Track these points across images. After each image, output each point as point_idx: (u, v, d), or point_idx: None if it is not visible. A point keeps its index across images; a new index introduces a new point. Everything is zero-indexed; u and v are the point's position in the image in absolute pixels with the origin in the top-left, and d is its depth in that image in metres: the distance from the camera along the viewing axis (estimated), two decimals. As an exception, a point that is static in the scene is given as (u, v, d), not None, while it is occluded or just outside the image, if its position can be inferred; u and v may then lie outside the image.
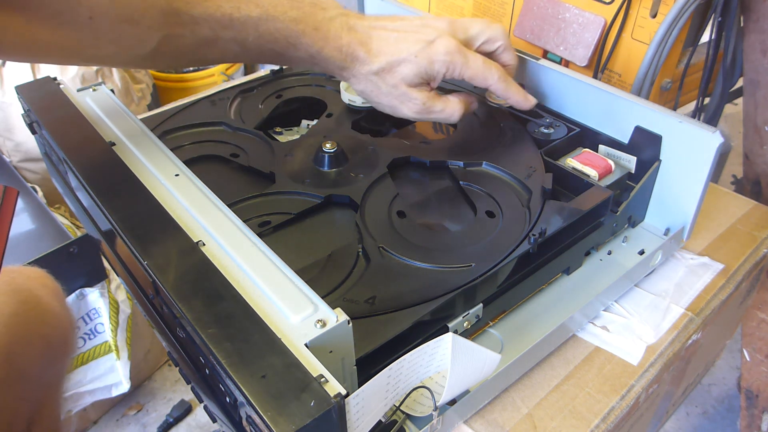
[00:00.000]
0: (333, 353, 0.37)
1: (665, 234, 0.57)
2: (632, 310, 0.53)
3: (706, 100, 0.95)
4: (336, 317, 0.37)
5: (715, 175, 1.44)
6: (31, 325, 0.51)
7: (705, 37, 0.90)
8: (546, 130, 0.61)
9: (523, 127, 0.63)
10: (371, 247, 0.50)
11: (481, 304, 0.47)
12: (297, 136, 0.68)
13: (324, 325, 0.36)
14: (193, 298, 0.38)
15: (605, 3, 0.91)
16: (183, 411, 1.29)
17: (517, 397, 0.46)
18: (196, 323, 0.36)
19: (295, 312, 0.37)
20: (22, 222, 1.16)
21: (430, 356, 0.39)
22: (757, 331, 0.90)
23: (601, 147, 0.59)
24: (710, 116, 0.95)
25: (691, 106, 0.97)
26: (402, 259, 0.49)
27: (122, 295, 1.15)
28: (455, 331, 0.45)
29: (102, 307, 1.13)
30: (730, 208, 0.64)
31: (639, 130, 0.55)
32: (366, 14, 0.70)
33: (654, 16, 0.88)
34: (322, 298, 0.38)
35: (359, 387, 0.34)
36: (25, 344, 0.49)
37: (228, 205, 0.46)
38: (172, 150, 0.52)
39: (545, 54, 1.02)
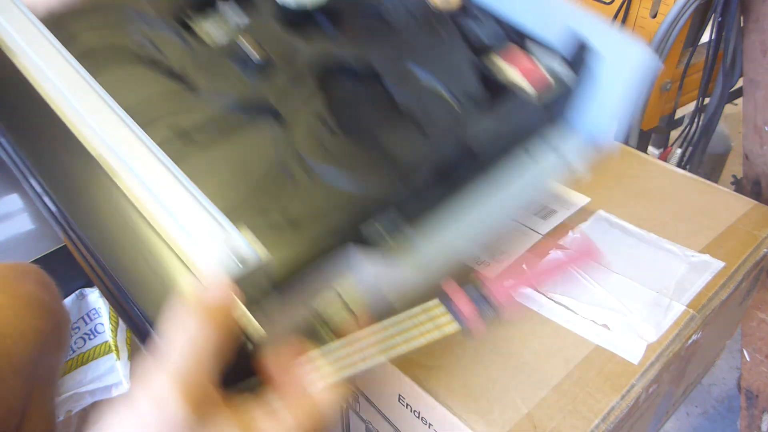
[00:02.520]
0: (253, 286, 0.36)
1: (587, 142, 0.57)
2: (633, 308, 0.53)
3: (706, 100, 0.95)
4: (257, 254, 0.35)
5: (715, 175, 1.44)
6: (24, 319, 0.51)
7: (705, 37, 0.90)
8: (476, 29, 0.59)
9: (454, 27, 0.59)
10: (295, 164, 0.48)
11: (402, 214, 0.46)
12: (213, 26, 0.60)
13: (244, 263, 0.35)
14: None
15: (605, 3, 0.91)
16: (183, 411, 1.29)
17: (517, 397, 0.46)
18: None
19: (209, 246, 0.36)
20: (22, 222, 1.16)
21: (346, 267, 0.41)
22: (757, 331, 0.90)
23: (530, 46, 0.57)
24: (710, 116, 0.95)
25: (691, 106, 0.97)
26: (328, 177, 0.47)
27: (122, 295, 1.15)
28: (379, 245, 0.45)
29: (102, 307, 1.13)
30: (730, 207, 0.64)
31: (570, 35, 0.54)
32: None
33: (654, 16, 0.88)
34: (243, 211, 0.38)
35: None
36: (17, 338, 0.49)
37: (129, 112, 0.42)
38: (62, 41, 0.47)
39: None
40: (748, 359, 0.94)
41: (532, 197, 0.53)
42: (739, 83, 0.90)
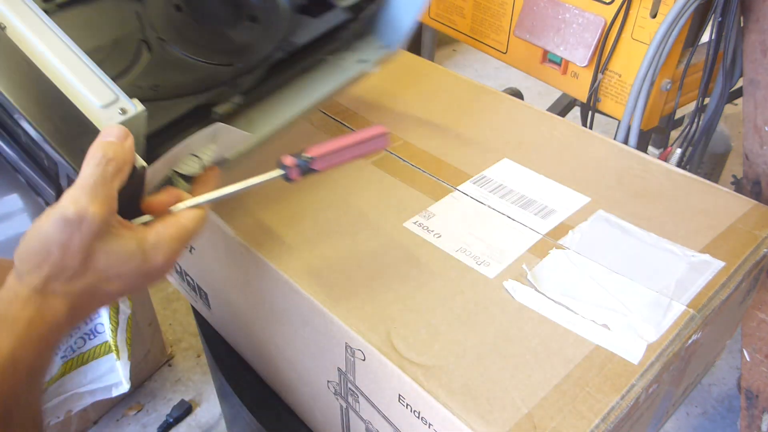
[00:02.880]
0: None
1: (384, 47, 0.75)
2: (633, 308, 0.53)
3: (706, 100, 0.95)
4: (134, 106, 0.45)
5: (715, 175, 1.44)
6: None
7: (705, 38, 0.90)
8: None
9: None
10: (153, 38, 0.57)
11: (242, 95, 0.59)
12: None
13: (125, 112, 0.44)
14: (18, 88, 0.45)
15: (605, 3, 0.91)
16: (183, 411, 1.29)
17: (517, 397, 0.46)
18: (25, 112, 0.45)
19: (99, 99, 0.44)
20: (22, 222, 1.16)
21: (201, 136, 0.51)
22: (757, 331, 0.90)
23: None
24: (710, 116, 0.95)
25: (691, 106, 0.97)
26: (181, 53, 0.58)
27: (122, 295, 1.15)
28: (221, 115, 0.57)
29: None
30: (730, 207, 0.64)
31: None
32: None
33: (654, 16, 0.88)
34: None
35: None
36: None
37: None
38: None
39: (545, 54, 1.02)
40: (748, 359, 0.94)
41: (335, 90, 0.68)
42: (739, 83, 0.90)
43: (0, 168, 1.27)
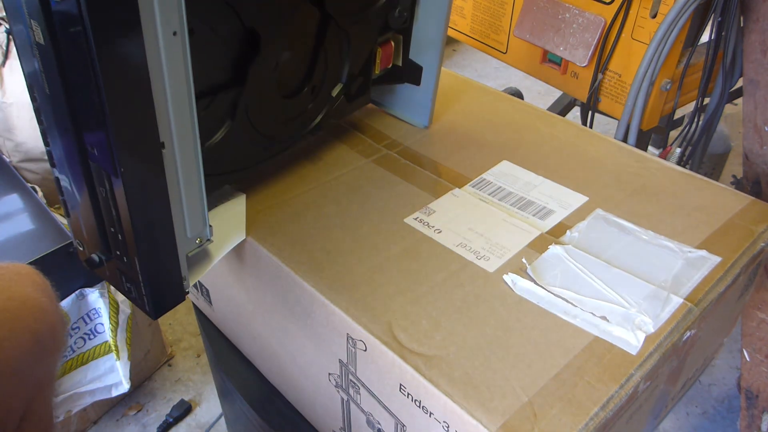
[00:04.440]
0: None
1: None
2: (631, 301, 0.53)
3: (706, 100, 0.96)
4: (209, 234, 0.53)
5: (715, 175, 1.44)
6: (20, 321, 0.51)
7: (705, 37, 0.91)
8: None
9: None
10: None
11: None
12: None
13: (200, 243, 0.53)
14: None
15: (605, 3, 0.92)
16: (183, 411, 1.29)
17: (517, 386, 0.46)
18: None
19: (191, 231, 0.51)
20: (22, 222, 1.16)
21: None
22: (757, 331, 0.91)
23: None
24: (710, 116, 0.96)
25: (691, 106, 0.98)
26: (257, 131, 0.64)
27: (122, 296, 1.15)
28: None
29: (102, 307, 1.14)
30: (727, 203, 0.65)
31: None
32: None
33: (654, 16, 0.88)
34: None
35: None
36: (13, 340, 0.49)
37: None
38: None
39: (545, 54, 1.02)
40: (748, 359, 0.94)
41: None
42: (739, 83, 0.91)
43: (0, 168, 1.27)
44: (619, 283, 0.55)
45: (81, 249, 0.55)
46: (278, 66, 0.61)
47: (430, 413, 0.47)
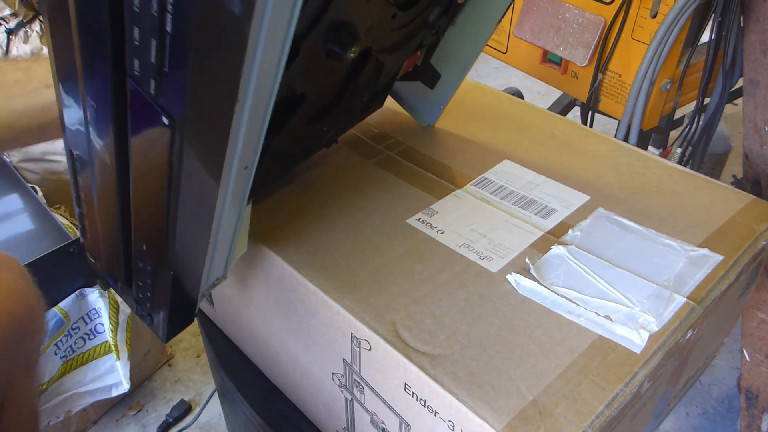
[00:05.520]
0: None
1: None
2: (635, 300, 0.53)
3: (706, 100, 0.96)
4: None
5: (716, 175, 1.45)
6: None
7: (705, 37, 0.91)
8: None
9: None
10: None
11: None
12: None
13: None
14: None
15: (605, 3, 0.92)
16: (183, 411, 1.29)
17: (522, 385, 0.46)
18: None
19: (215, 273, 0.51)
20: (22, 222, 1.16)
21: None
22: (757, 331, 0.91)
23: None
24: (710, 116, 0.96)
25: (691, 106, 0.98)
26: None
27: (122, 295, 1.15)
28: None
29: (102, 307, 1.14)
30: (728, 202, 0.65)
31: None
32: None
33: (654, 16, 0.88)
34: None
35: None
36: None
37: None
38: None
39: (545, 54, 1.02)
40: (748, 359, 0.95)
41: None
42: (739, 83, 0.91)
43: (0, 168, 1.27)
44: (622, 283, 0.55)
45: (93, 262, 0.55)
46: (312, 107, 0.60)
47: (435, 412, 0.48)
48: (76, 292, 1.09)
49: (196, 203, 0.41)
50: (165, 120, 0.35)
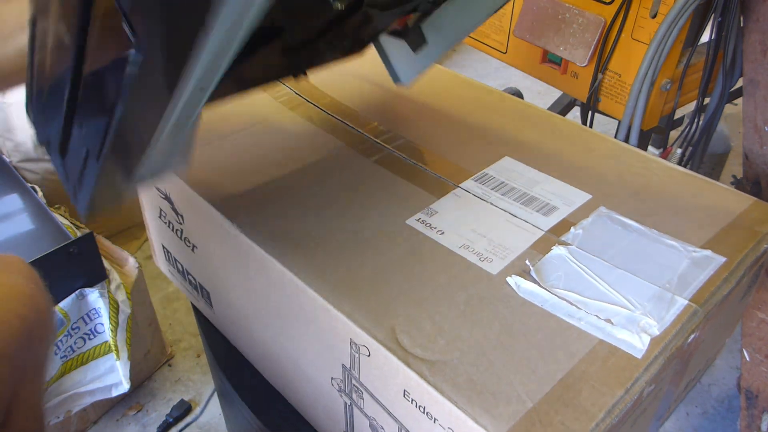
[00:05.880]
0: None
1: None
2: (636, 303, 0.53)
3: (706, 100, 0.96)
4: None
5: (715, 175, 1.45)
6: (8, 308, 0.51)
7: (705, 37, 0.91)
8: None
9: None
10: None
11: None
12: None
13: None
14: None
15: (605, 3, 0.92)
16: (183, 411, 1.29)
17: (522, 392, 0.46)
18: None
19: None
20: (22, 222, 1.16)
21: None
22: (757, 331, 0.91)
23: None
24: (710, 116, 0.95)
25: (691, 106, 0.98)
26: None
27: (122, 296, 1.15)
28: None
29: (102, 307, 1.13)
30: (730, 204, 0.65)
31: None
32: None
33: (654, 16, 0.88)
34: None
35: None
36: (2, 325, 0.49)
37: None
38: None
39: (545, 54, 1.02)
40: (748, 359, 0.94)
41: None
42: (739, 83, 0.91)
43: (0, 168, 1.27)
44: (623, 285, 0.55)
45: (32, 122, 0.53)
46: (287, 41, 0.59)
47: (435, 419, 0.47)
48: (76, 292, 1.08)
49: (145, 109, 0.40)
50: (130, 36, 0.35)
